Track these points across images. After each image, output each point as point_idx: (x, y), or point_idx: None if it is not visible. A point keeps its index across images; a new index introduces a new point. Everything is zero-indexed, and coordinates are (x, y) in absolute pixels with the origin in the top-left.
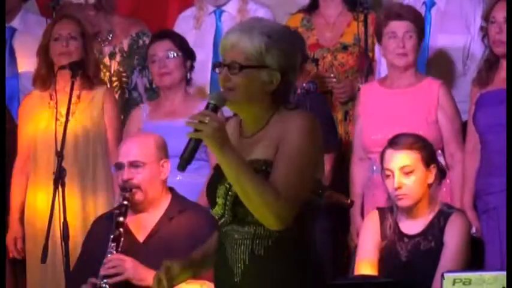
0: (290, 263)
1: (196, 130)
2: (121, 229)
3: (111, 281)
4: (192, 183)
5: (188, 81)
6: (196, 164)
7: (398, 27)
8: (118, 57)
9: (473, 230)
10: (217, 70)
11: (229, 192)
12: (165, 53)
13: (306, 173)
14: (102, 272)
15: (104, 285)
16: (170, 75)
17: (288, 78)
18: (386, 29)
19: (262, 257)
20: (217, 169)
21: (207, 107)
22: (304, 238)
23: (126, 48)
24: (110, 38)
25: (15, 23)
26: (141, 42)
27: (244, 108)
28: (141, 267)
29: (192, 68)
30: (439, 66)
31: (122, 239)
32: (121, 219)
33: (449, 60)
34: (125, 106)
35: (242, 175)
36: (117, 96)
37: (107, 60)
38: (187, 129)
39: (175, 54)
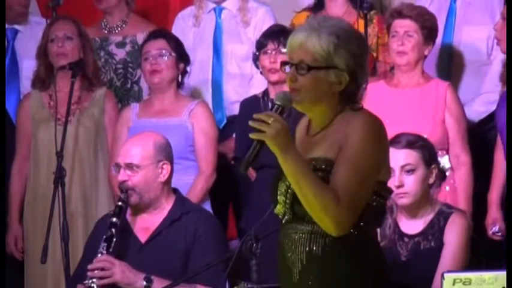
0: (348, 263)
1: (259, 131)
2: (113, 230)
3: (98, 283)
4: (177, 184)
5: (179, 85)
6: (182, 165)
7: (400, 25)
8: (128, 48)
9: (497, 228)
10: (285, 69)
11: (289, 190)
12: (158, 51)
13: (367, 176)
14: (90, 274)
15: (92, 284)
16: (160, 73)
17: (356, 79)
18: (391, 28)
19: (320, 256)
20: (279, 167)
21: (272, 108)
22: (364, 239)
23: (140, 42)
24: (121, 28)
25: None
26: None
27: (311, 108)
28: (129, 271)
29: (185, 72)
30: (464, 57)
31: (115, 239)
32: (114, 219)
33: (474, 51)
34: (125, 96)
35: (302, 179)
36: (119, 84)
37: (113, 48)
38: (174, 128)
39: (168, 54)
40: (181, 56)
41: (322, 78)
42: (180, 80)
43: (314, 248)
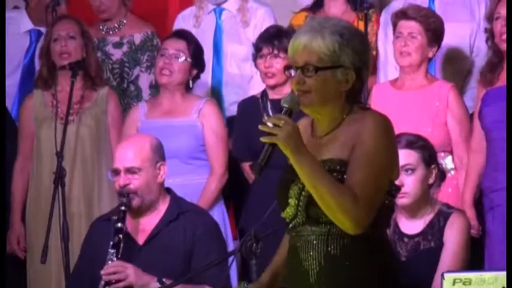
0: (365, 263)
1: (270, 134)
2: (120, 235)
3: (113, 287)
4: (190, 184)
5: (188, 88)
6: (194, 165)
7: (404, 26)
8: (125, 48)
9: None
10: (291, 73)
11: (303, 193)
12: (175, 52)
13: (382, 175)
14: (105, 278)
15: None
16: (171, 74)
17: (361, 77)
18: (396, 29)
19: (338, 257)
20: (288, 169)
21: (280, 111)
22: (379, 237)
23: (137, 42)
24: (119, 29)
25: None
26: (154, 41)
27: (320, 109)
28: (142, 273)
29: (196, 78)
30: (446, 54)
31: (122, 245)
32: (119, 225)
33: (456, 48)
34: (121, 96)
35: (317, 179)
36: (115, 83)
37: (109, 48)
38: (184, 128)
39: (184, 57)
40: (197, 63)
41: (329, 78)
42: (191, 85)
43: (332, 249)
